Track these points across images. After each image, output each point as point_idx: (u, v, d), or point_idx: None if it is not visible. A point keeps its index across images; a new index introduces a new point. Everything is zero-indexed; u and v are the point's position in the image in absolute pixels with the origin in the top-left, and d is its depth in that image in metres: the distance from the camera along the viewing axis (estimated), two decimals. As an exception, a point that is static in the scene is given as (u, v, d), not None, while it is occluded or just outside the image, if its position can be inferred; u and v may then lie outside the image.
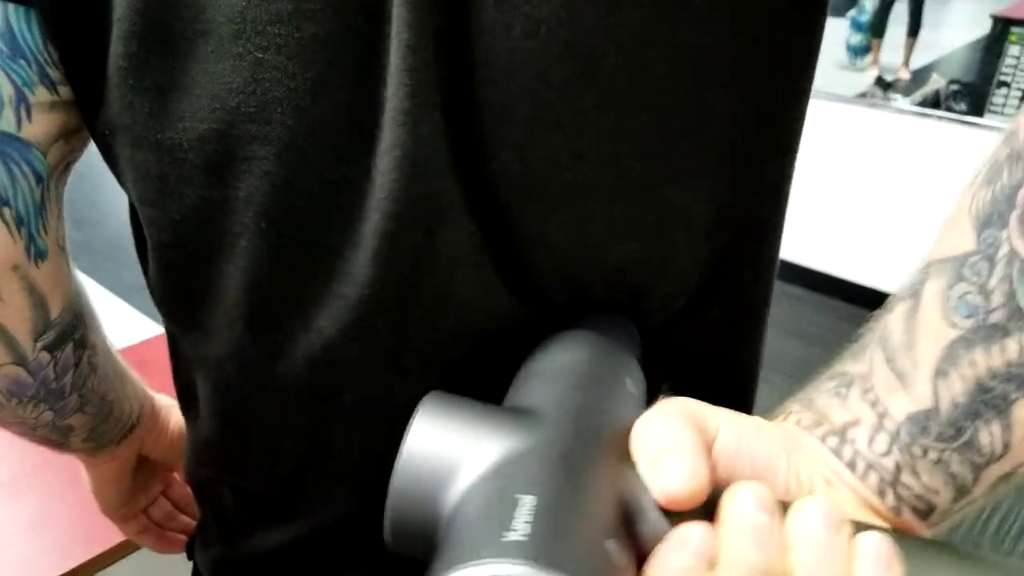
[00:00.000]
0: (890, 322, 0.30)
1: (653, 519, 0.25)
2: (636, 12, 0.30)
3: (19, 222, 0.38)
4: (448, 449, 0.26)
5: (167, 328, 0.44)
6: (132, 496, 0.62)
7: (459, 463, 0.25)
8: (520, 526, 0.21)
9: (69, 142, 0.39)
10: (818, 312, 2.81)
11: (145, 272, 0.42)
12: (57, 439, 0.50)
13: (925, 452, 0.28)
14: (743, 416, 0.30)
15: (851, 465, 0.30)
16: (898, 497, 0.29)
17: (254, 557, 0.46)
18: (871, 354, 0.31)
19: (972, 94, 2.57)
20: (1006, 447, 0.27)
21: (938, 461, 0.28)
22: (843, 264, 2.85)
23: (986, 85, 2.55)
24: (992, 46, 2.51)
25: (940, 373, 0.28)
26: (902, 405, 0.29)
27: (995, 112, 2.55)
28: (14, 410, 0.45)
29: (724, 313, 0.40)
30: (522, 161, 0.33)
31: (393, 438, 0.39)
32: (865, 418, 0.30)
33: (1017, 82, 2.49)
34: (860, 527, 0.25)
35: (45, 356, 0.43)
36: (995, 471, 0.28)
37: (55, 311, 0.43)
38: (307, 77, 0.32)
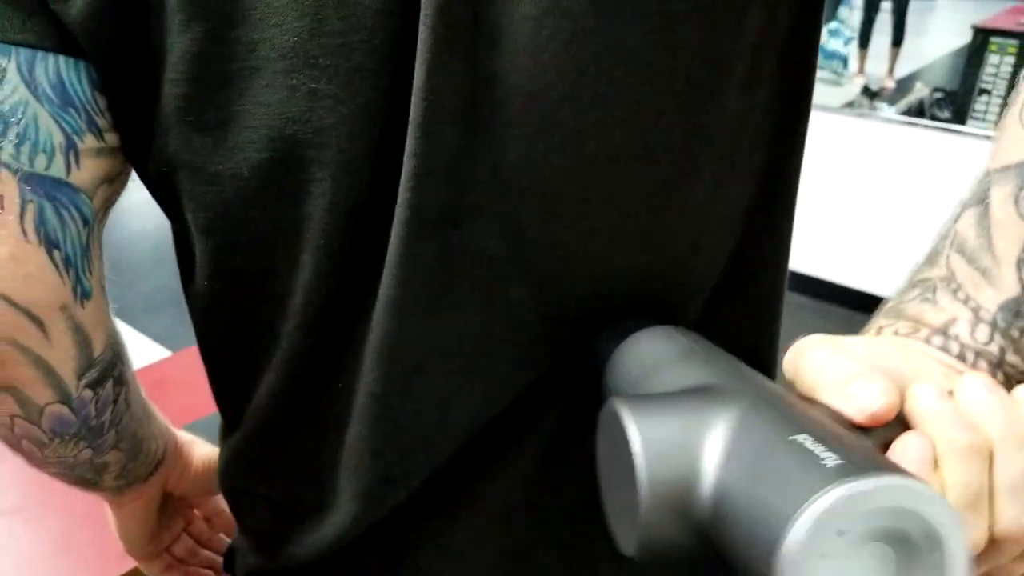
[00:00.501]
0: (961, 229, 0.34)
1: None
2: (650, 21, 0.32)
3: (67, 264, 0.39)
4: (680, 440, 0.25)
5: (210, 344, 0.45)
6: (157, 534, 0.62)
7: (697, 447, 0.25)
8: (825, 455, 0.21)
9: (112, 185, 0.40)
10: (817, 316, 2.83)
11: (188, 295, 0.43)
12: (92, 477, 0.50)
13: (1022, 333, 0.32)
14: (865, 337, 0.34)
15: (961, 358, 0.33)
16: (1006, 375, 0.33)
17: (288, 570, 0.47)
18: (947, 260, 0.34)
19: (955, 102, 2.61)
20: None
21: None
22: (838, 269, 2.88)
23: (968, 93, 2.59)
24: (973, 56, 2.55)
25: (1022, 263, 0.32)
26: (991, 297, 0.32)
27: (977, 119, 2.59)
28: (56, 449, 0.45)
29: (741, 315, 0.42)
30: (546, 169, 0.34)
31: (423, 443, 0.41)
32: (961, 315, 0.33)
33: (997, 90, 2.53)
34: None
35: (88, 393, 0.44)
36: None
37: (98, 349, 0.43)
38: (357, 103, 0.34)
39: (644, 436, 0.25)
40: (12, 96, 0.35)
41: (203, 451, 0.61)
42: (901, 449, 0.26)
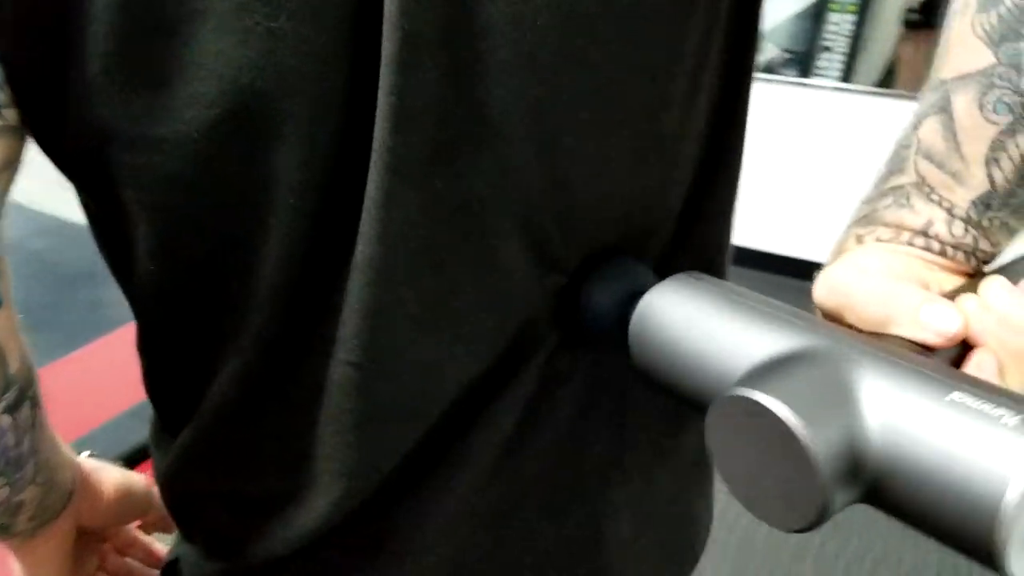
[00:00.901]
0: (924, 136, 0.36)
1: None
2: None
3: None
4: (831, 410, 0.26)
5: (159, 336, 0.40)
6: None
7: (850, 416, 0.26)
8: (997, 412, 0.24)
9: (9, 172, 0.34)
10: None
11: (127, 286, 0.39)
12: (5, 522, 0.44)
13: (991, 221, 0.36)
14: (866, 250, 0.37)
15: (942, 253, 0.36)
16: (977, 259, 0.37)
17: (257, 569, 0.43)
18: (915, 166, 0.37)
19: (801, 61, 2.79)
20: None
21: (1002, 225, 0.36)
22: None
23: (812, 51, 2.77)
24: (817, 15, 2.73)
25: (990, 161, 0.34)
26: (963, 195, 0.36)
27: (820, 75, 2.78)
28: (-29, 492, 0.38)
29: (699, 245, 0.45)
30: (536, 100, 0.33)
31: (408, 412, 0.38)
32: (936, 216, 0.36)
33: (839, 46, 2.72)
34: None
35: (7, 419, 0.37)
36: None
37: (13, 366, 0.37)
38: (322, 43, 0.30)
39: (800, 416, 0.25)
40: None
41: (113, 476, 0.54)
42: (977, 367, 0.28)
